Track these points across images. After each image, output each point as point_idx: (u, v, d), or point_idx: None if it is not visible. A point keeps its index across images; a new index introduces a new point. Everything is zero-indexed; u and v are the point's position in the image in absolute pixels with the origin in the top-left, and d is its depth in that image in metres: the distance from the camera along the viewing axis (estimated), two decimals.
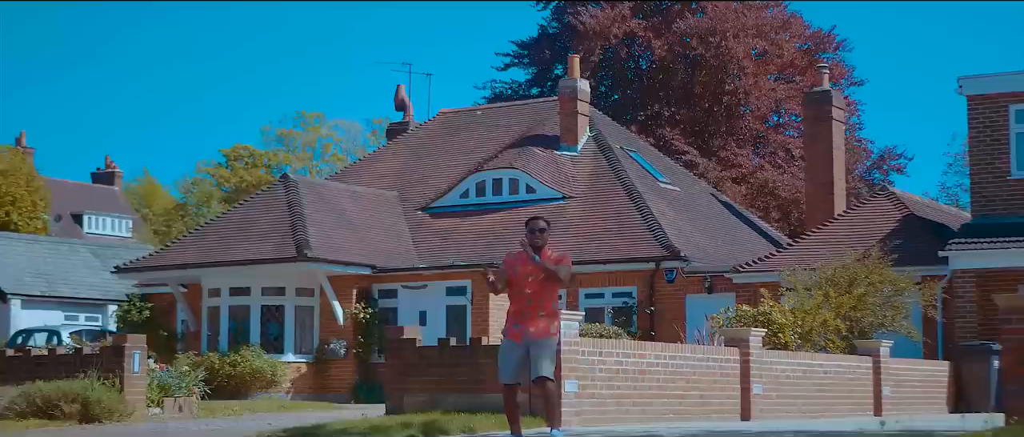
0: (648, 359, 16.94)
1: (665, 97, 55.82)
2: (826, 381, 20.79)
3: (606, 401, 16.10)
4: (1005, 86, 26.97)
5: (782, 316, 21.99)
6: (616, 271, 31.23)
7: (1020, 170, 26.79)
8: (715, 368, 18.27)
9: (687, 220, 34.14)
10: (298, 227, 31.28)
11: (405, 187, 36.66)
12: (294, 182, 33.71)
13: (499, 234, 33.53)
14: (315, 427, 14.24)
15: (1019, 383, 13.19)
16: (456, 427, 14.01)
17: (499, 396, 15.70)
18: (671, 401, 17.22)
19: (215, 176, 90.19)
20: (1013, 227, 26.29)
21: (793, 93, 54.35)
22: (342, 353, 30.95)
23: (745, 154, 53.99)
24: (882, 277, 24.38)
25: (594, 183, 34.33)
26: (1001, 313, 13.52)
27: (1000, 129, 26.88)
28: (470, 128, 38.48)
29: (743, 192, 52.82)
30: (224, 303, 31.76)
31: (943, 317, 26.89)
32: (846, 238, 29.34)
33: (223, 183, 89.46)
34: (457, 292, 31.21)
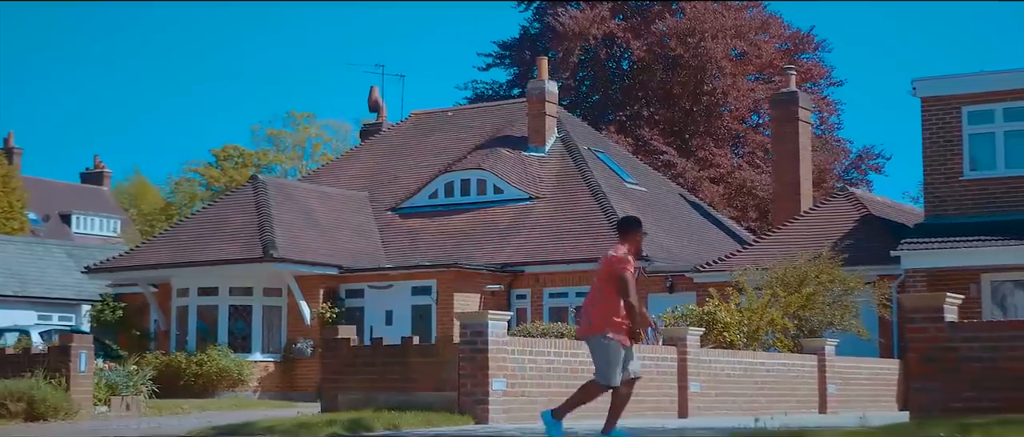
0: (580, 358, 17.24)
1: (644, 97, 56.22)
2: (769, 379, 21.12)
3: (537, 399, 16.40)
4: (958, 88, 27.32)
5: (728, 315, 22.35)
6: (580, 271, 31.57)
7: (972, 171, 27.14)
8: (651, 366, 18.59)
9: (653, 220, 34.44)
10: (265, 228, 31.64)
11: (376, 187, 37.03)
12: (263, 183, 34.08)
13: (466, 234, 33.91)
14: (244, 424, 14.60)
15: (923, 381, 13.58)
16: (380, 424, 14.35)
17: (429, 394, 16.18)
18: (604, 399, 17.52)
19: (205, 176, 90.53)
20: (965, 227, 26.65)
21: (772, 93, 54.64)
22: (309, 352, 31.31)
23: (723, 154, 54.34)
24: (832, 277, 24.74)
25: (560, 184, 34.69)
26: (907, 313, 13.91)
27: (953, 130, 27.23)
28: (441, 129, 38.85)
29: (721, 192, 53.19)
30: (193, 303, 32.13)
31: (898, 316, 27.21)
32: (804, 238, 29.69)
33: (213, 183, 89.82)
34: (422, 292, 31.58)
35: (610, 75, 58.03)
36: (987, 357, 13.24)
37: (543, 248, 32.42)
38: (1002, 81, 26.99)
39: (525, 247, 32.72)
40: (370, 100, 42.33)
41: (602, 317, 11.67)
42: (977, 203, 26.99)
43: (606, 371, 11.69)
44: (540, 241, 32.74)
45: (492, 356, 15.56)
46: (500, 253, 32.73)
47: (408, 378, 16.05)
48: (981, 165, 27.12)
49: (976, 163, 27.16)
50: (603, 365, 11.71)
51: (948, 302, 13.67)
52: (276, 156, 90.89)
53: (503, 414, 15.74)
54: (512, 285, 32.30)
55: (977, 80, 27.32)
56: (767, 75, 56.90)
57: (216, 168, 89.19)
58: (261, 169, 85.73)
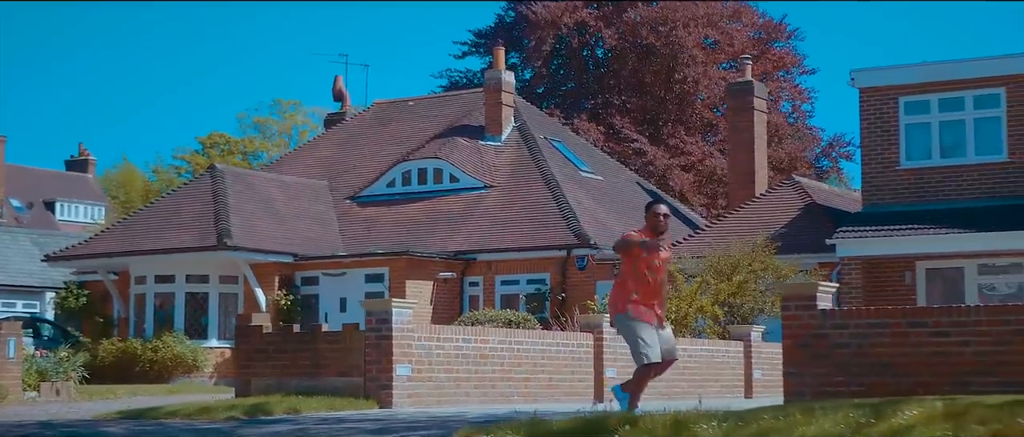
0: (490, 344, 17.75)
1: (617, 86, 56.69)
2: (693, 365, 21.58)
3: (444, 384, 16.91)
4: (895, 79, 27.77)
5: None
6: (530, 258, 32.09)
7: (909, 160, 27.60)
8: (566, 352, 19.10)
9: (607, 208, 34.97)
10: (221, 216, 32.14)
11: (336, 176, 37.52)
12: (221, 172, 34.58)
13: (422, 222, 34.40)
14: (149, 409, 15.08)
15: (797, 365, 14.08)
16: (281, 409, 14.82)
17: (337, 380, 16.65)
18: (516, 384, 18.04)
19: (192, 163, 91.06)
20: (900, 215, 27.11)
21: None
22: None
23: (695, 142, 54.82)
24: (764, 265, 25.22)
25: (515, 172, 35.18)
26: (782, 300, 14.41)
27: (890, 120, 27.69)
28: (402, 118, 39.33)
29: (691, 180, 53.72)
30: (150, 290, 32.66)
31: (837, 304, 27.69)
32: (749, 226, 30.18)
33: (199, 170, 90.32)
34: (376, 279, 32.09)
35: (585, 63, 58.50)
36: (856, 344, 13.73)
37: (496, 236, 32.93)
38: (937, 72, 27.45)
39: (478, 235, 33.22)
40: (334, 89, 42.82)
41: (618, 297, 11.75)
42: (913, 192, 27.47)
43: (636, 351, 11.65)
44: (493, 229, 33.24)
45: (396, 343, 16.02)
46: (454, 241, 33.23)
47: (317, 364, 16.52)
48: (917, 155, 27.58)
49: (912, 152, 27.62)
50: (633, 345, 11.69)
51: (821, 290, 14.16)
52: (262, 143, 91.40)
53: (408, 399, 16.21)
54: (465, 272, 32.80)
55: (913, 71, 27.77)
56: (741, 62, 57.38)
57: (203, 156, 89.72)
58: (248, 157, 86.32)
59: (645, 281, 11.69)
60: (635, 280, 11.66)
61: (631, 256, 11.72)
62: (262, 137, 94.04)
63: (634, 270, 11.67)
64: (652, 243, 11.79)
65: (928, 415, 9.68)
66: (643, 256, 11.62)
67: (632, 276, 11.64)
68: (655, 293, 11.78)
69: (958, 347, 13.29)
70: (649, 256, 11.63)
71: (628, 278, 11.65)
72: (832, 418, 10.00)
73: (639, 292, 11.64)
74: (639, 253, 11.65)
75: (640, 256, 11.63)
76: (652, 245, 11.81)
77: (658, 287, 11.82)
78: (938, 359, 13.30)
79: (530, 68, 58.06)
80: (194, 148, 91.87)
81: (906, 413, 9.82)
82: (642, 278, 11.70)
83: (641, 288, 11.67)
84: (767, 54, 58.54)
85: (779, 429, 9.89)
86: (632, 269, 11.66)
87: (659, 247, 11.82)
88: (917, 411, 9.84)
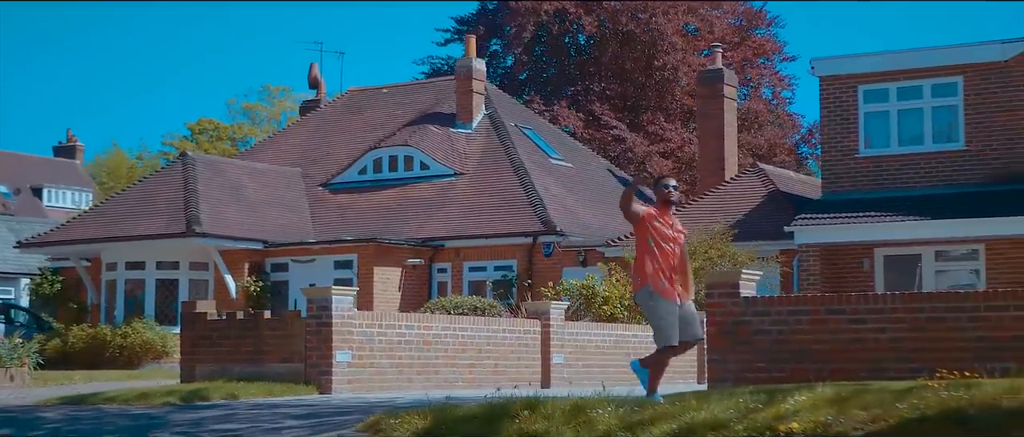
0: (434, 330, 18.04)
1: (597, 72, 56.91)
2: (640, 350, 21.82)
3: (386, 370, 17.21)
4: (854, 67, 27.98)
5: (607, 289, 23.10)
6: (497, 245, 32.35)
7: (867, 148, 27.85)
8: (513, 339, 19.39)
9: (575, 196, 35.23)
10: (191, 204, 32.40)
11: (309, 163, 37.77)
12: (192, 160, 34.84)
13: (393, 209, 34.66)
14: (90, 395, 15.38)
15: (720, 352, 14.36)
16: (219, 394, 15.10)
17: (279, 366, 16.94)
18: (461, 370, 18.34)
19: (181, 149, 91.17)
20: (859, 203, 27.36)
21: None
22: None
23: (674, 128, 55.05)
24: (721, 252, 25.49)
25: (485, 160, 35.43)
26: (707, 288, 14.69)
27: (849, 109, 27.93)
28: (375, 106, 39.57)
29: (670, 166, 53.92)
30: (120, 277, 32.95)
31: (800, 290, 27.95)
32: (714, 213, 30.44)
33: None
34: (344, 266, 32.36)
35: (566, 50, 58.72)
36: (777, 331, 14.01)
37: (464, 223, 33.20)
38: (896, 61, 27.67)
39: (447, 222, 33.49)
40: (310, 77, 43.03)
41: (638, 270, 11.44)
42: (872, 179, 27.72)
43: (657, 332, 11.38)
44: (462, 216, 33.51)
45: (336, 329, 16.31)
46: (424, 227, 33.49)
47: (260, 350, 16.82)
48: (876, 143, 27.82)
49: (871, 140, 27.86)
50: (654, 324, 11.40)
51: (744, 278, 14.45)
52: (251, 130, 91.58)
53: (348, 385, 16.50)
54: (433, 259, 33.07)
55: (872, 60, 27.99)
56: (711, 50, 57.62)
57: (191, 142, 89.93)
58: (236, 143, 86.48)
59: (662, 252, 11.31)
60: (651, 252, 11.31)
61: (643, 226, 11.34)
62: (251, 123, 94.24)
63: (649, 242, 11.29)
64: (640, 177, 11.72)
65: (815, 401, 9.95)
66: (655, 225, 11.27)
67: (647, 249, 11.29)
68: (674, 266, 11.42)
69: (874, 334, 13.58)
70: (661, 225, 11.28)
71: (644, 251, 11.30)
72: (724, 404, 10.27)
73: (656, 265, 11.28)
74: (650, 222, 11.27)
75: (652, 225, 11.28)
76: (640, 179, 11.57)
77: (677, 259, 11.46)
78: (855, 345, 13.60)
79: (511, 55, 58.28)
80: (183, 134, 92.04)
81: (795, 399, 10.10)
82: (658, 249, 11.32)
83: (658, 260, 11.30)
84: (748, 41, 58.79)
85: (671, 414, 10.17)
86: (646, 240, 11.28)
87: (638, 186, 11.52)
88: (805, 397, 10.12)
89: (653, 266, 11.30)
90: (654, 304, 11.31)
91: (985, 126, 26.82)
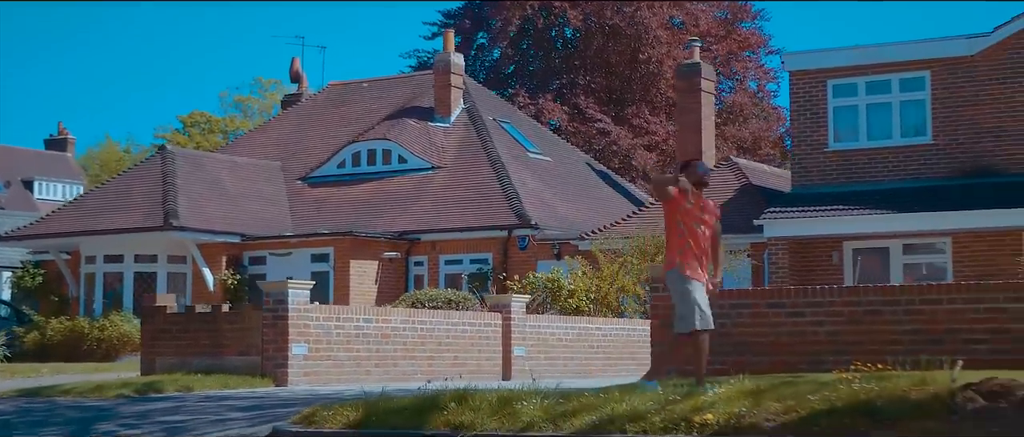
0: (393, 323, 18.26)
1: (582, 66, 57.09)
2: (604, 342, 22.11)
3: (344, 363, 17.42)
4: (824, 62, 28.20)
5: (573, 282, 23.32)
6: (473, 238, 32.56)
7: (837, 142, 28.06)
8: (473, 331, 19.61)
9: (553, 189, 35.43)
10: (169, 197, 32.61)
11: (289, 157, 37.97)
12: (171, 154, 35.03)
13: (370, 202, 34.86)
14: (47, 387, 15.62)
15: (663, 344, 14.60)
16: (173, 387, 15.32)
17: (237, 359, 17.15)
18: (420, 363, 18.55)
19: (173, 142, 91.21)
20: (828, 197, 27.57)
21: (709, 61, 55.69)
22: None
23: (659, 121, 55.23)
24: None
25: (462, 153, 35.63)
26: (650, 282, 14.91)
27: (819, 103, 28.14)
28: (356, 100, 39.76)
29: (655, 159, 54.15)
30: (99, 270, 33.17)
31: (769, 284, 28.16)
32: None
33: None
34: (321, 259, 32.57)
35: (552, 43, 58.89)
36: (719, 323, 14.23)
37: (441, 216, 33.41)
38: (864, 56, 27.87)
39: (424, 215, 33.69)
40: (291, 71, 43.22)
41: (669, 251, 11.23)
42: (841, 173, 27.94)
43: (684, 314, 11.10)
44: (438, 209, 33.72)
45: (292, 322, 16.52)
46: (401, 221, 33.69)
47: (218, 343, 17.03)
48: (845, 137, 28.04)
49: (840, 135, 28.07)
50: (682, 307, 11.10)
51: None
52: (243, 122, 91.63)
53: (304, 377, 16.71)
54: (410, 252, 33.28)
55: (841, 55, 28.21)
56: (706, 44, 57.88)
57: (184, 134, 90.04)
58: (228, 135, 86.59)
59: (693, 234, 11.08)
60: (681, 234, 11.07)
61: (672, 206, 11.08)
62: (243, 116, 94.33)
63: (678, 224, 11.07)
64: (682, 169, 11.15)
65: (733, 393, 10.18)
66: (685, 207, 11.03)
67: (676, 230, 11.06)
68: (705, 249, 11.20)
69: (813, 327, 13.85)
70: (692, 207, 11.05)
71: (674, 232, 11.07)
72: (645, 396, 10.50)
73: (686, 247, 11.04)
74: (680, 203, 11.00)
75: (682, 206, 11.02)
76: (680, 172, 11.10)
77: (708, 243, 11.21)
78: (795, 339, 13.86)
79: (498, 48, 58.45)
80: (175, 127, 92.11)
81: (714, 391, 10.33)
82: (689, 231, 11.07)
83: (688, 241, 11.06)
84: (733, 34, 58.96)
85: (594, 406, 10.40)
86: (676, 222, 11.06)
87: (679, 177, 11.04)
88: (724, 389, 10.35)
89: (682, 248, 11.10)
90: (683, 287, 11.08)
91: (952, 120, 27.03)
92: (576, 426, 10.11)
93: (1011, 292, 13.10)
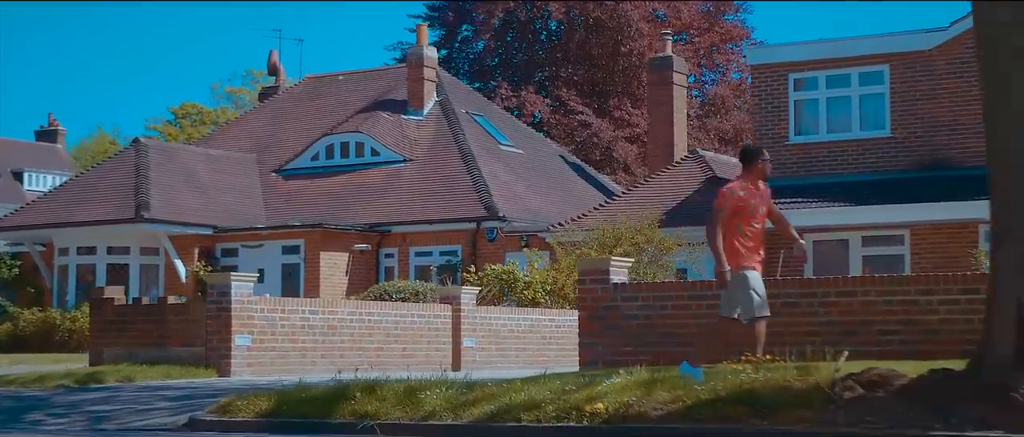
0: (339, 315, 18.56)
1: (564, 58, 57.35)
2: (557, 334, 22.39)
3: (289, 354, 17.73)
4: (785, 56, 28.45)
5: (531, 274, 23.61)
6: (443, 230, 32.86)
7: (797, 135, 28.33)
8: (422, 323, 19.92)
9: (524, 181, 35.72)
10: (141, 189, 32.91)
11: (264, 149, 38.26)
12: (145, 146, 35.33)
13: (342, 195, 35.15)
14: None
15: (591, 336, 14.94)
16: (114, 377, 15.64)
17: (182, 350, 17.46)
18: (368, 354, 18.85)
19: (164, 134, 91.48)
20: (788, 189, 27.76)
21: (689, 55, 56.05)
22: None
23: (641, 114, 55.48)
24: (647, 238, 25.99)
25: (434, 146, 35.92)
26: (579, 275, 15.22)
27: (780, 97, 28.41)
28: (331, 93, 40.04)
29: (636, 151, 54.44)
30: (72, 261, 33.49)
31: None
32: (652, 199, 30.93)
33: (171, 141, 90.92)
34: (292, 251, 32.88)
35: (536, 36, 59.12)
36: (643, 315, 14.58)
37: (411, 208, 33.70)
38: (825, 50, 28.14)
39: (395, 207, 33.98)
40: (269, 63, 43.49)
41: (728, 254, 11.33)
42: (801, 166, 28.20)
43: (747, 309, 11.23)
44: (409, 202, 34.01)
45: (235, 314, 16.82)
46: (372, 213, 33.98)
47: (164, 335, 17.35)
48: (805, 130, 28.31)
49: (801, 128, 28.35)
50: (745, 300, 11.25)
51: (614, 265, 14.99)
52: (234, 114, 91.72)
53: (248, 368, 17.02)
54: (381, 244, 33.58)
55: (802, 49, 28.47)
56: (689, 36, 58.24)
57: (175, 126, 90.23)
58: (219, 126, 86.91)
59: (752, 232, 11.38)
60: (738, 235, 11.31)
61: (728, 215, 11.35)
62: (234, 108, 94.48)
63: (737, 226, 11.32)
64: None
65: (627, 383, 10.50)
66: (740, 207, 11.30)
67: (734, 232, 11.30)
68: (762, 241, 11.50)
69: None
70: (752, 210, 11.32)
71: (733, 235, 11.27)
72: (546, 385, 10.82)
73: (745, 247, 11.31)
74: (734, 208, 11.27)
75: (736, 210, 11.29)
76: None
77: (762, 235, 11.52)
78: None
79: (482, 40, 58.70)
80: (167, 118, 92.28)
81: (610, 381, 10.64)
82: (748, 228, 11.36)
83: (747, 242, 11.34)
84: (716, 27, 59.21)
85: (493, 395, 10.73)
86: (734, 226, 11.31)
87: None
88: (620, 379, 10.66)
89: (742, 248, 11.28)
90: (743, 279, 11.20)
91: (910, 114, 27.30)
92: (474, 415, 10.44)
93: (922, 285, 13.41)
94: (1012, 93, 8.75)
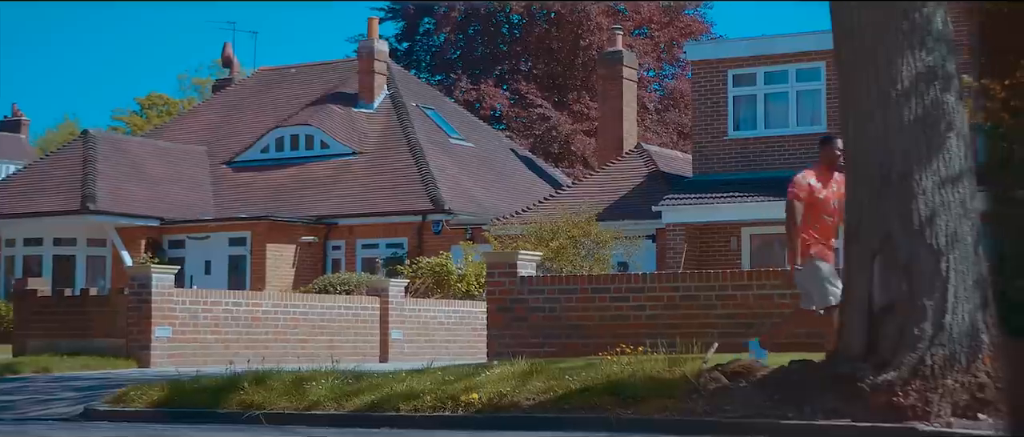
0: (264, 307, 18.77)
1: (524, 52, 57.60)
2: None
3: (211, 346, 17.93)
4: (724, 52, 28.80)
5: (465, 267, 23.84)
6: (390, 223, 33.08)
7: (736, 131, 28.66)
8: (350, 315, 20.15)
9: (472, 175, 35.95)
10: (88, 181, 33.01)
11: (216, 141, 38.37)
12: (93, 138, 35.40)
13: (291, 187, 35.31)
14: None
15: (498, 328, 15.22)
16: (31, 368, 15.83)
17: (103, 341, 17.64)
18: (293, 346, 19.06)
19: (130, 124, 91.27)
20: (727, 184, 28.16)
21: (649, 49, 56.44)
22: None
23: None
24: (583, 231, 26.25)
25: (383, 139, 36.11)
26: (487, 268, 15.47)
27: (719, 92, 28.72)
28: (283, 86, 40.17)
29: (594, 145, 54.72)
30: (19, 253, 33.56)
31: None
32: (595, 193, 31.21)
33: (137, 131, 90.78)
34: (238, 243, 33.04)
35: (498, 29, 59.33)
36: (549, 308, 14.86)
37: (359, 201, 33.90)
38: (763, 46, 28.47)
39: (342, 200, 34.17)
40: (223, 55, 43.59)
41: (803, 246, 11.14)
42: (739, 161, 28.52)
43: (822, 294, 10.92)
44: (357, 194, 34.20)
45: (156, 306, 17.02)
46: (321, 205, 34.16)
47: (86, 326, 17.54)
48: (744, 125, 28.64)
49: (739, 123, 28.67)
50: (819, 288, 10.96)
51: (522, 259, 15.27)
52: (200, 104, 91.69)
53: (168, 359, 17.23)
54: (328, 236, 33.77)
55: (741, 45, 28.82)
56: (651, 30, 58.57)
57: (141, 116, 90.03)
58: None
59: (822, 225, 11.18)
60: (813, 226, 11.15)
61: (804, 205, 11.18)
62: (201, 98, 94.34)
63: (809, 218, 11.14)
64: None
65: (504, 374, 10.77)
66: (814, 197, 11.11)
67: (809, 223, 11.13)
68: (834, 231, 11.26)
69: (635, 311, 14.44)
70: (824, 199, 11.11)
71: (807, 226, 11.11)
72: (429, 376, 11.09)
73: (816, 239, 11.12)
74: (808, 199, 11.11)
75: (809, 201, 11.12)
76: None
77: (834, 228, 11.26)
78: (618, 322, 14.44)
79: (442, 33, 58.86)
80: (133, 109, 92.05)
81: (488, 372, 10.90)
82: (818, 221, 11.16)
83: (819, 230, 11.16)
84: (676, 21, 59.51)
85: (377, 386, 10.98)
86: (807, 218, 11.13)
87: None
88: (498, 370, 10.93)
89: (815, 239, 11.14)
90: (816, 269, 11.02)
91: None
92: (356, 405, 10.69)
93: None
94: (858, 94, 9.03)
